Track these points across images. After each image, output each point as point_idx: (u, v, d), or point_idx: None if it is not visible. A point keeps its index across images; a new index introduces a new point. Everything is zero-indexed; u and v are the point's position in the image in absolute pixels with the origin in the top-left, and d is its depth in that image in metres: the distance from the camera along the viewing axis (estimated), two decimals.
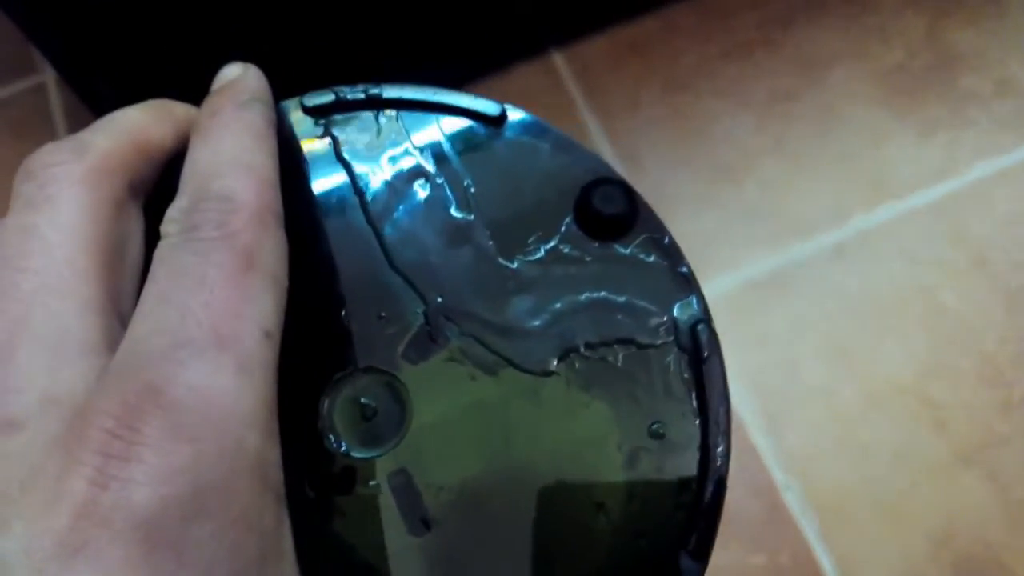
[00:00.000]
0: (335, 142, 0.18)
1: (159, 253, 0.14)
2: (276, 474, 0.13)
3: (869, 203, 0.51)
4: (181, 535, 0.12)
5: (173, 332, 0.13)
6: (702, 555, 0.15)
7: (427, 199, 0.17)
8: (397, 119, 0.18)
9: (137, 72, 0.44)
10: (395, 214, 0.17)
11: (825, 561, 0.45)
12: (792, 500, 0.46)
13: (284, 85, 0.18)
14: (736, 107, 0.53)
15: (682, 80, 0.53)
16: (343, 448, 0.16)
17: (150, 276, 0.14)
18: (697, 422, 0.16)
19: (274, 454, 0.13)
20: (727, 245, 0.51)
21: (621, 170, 0.52)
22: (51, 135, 0.54)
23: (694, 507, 0.15)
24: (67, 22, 0.39)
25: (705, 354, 0.16)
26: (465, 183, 0.18)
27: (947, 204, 0.51)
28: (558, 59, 0.54)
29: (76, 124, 0.54)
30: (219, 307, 0.13)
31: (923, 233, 0.50)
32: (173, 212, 0.15)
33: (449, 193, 0.18)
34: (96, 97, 0.46)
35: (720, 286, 0.50)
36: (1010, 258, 0.49)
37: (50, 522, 0.11)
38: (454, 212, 0.17)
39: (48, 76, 0.56)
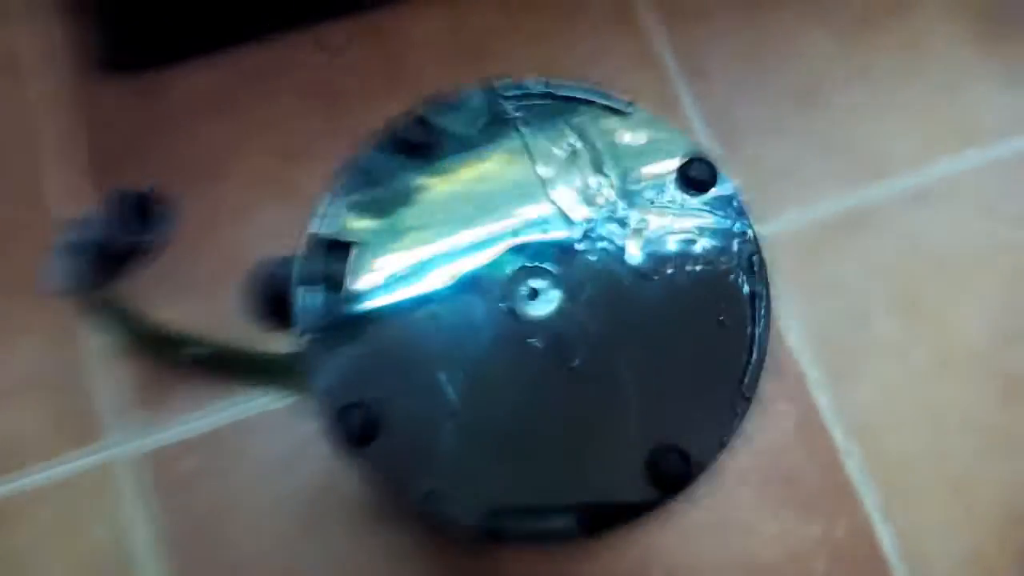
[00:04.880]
0: (516, 118, 0.26)
1: None
2: None
3: (953, 148, 0.46)
4: None
5: None
6: (751, 391, 0.24)
7: (575, 159, 0.26)
8: (557, 105, 0.26)
9: None
10: (553, 166, 0.26)
11: (885, 537, 0.40)
12: (853, 467, 0.41)
13: None
14: (817, 29, 0.47)
15: None
16: (519, 314, 0.25)
17: None
18: (749, 314, 0.24)
19: None
20: (798, 179, 0.45)
21: (686, 85, 0.46)
22: None
23: (747, 363, 0.24)
24: None
25: (756, 274, 0.25)
26: (601, 150, 0.26)
27: None
28: None
29: None
30: None
31: (1009, 186, 0.45)
32: None
33: (590, 157, 0.26)
34: None
35: (788, 223, 0.44)
36: None
37: None
38: (593, 169, 0.26)
39: None
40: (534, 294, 0.24)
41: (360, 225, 0.25)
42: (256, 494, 0.39)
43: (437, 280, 0.24)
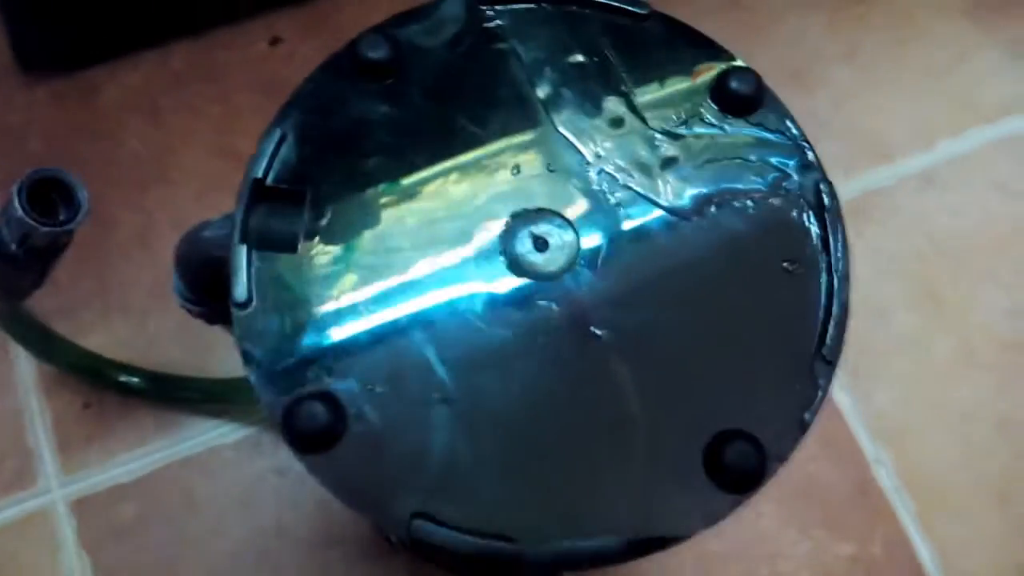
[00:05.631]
0: (500, 28, 0.21)
1: None
2: None
3: (956, 126, 0.43)
4: None
5: None
6: (834, 355, 0.19)
7: (582, 75, 0.21)
8: (553, 10, 0.21)
9: None
10: (554, 86, 0.21)
11: (923, 552, 0.36)
12: (884, 476, 0.37)
13: None
14: (804, 6, 0.44)
15: None
16: (521, 272, 0.20)
17: None
18: (822, 258, 0.20)
19: None
20: None
21: None
22: None
23: (825, 318, 0.19)
24: None
25: (826, 208, 0.20)
26: (613, 63, 0.21)
27: None
28: None
29: None
30: None
31: (1019, 163, 0.42)
32: None
33: (600, 72, 0.21)
34: None
35: None
36: None
37: None
38: (605, 87, 0.21)
39: None
40: (542, 244, 0.19)
41: (315, 169, 0.20)
42: (209, 540, 0.33)
43: (416, 233, 0.19)
